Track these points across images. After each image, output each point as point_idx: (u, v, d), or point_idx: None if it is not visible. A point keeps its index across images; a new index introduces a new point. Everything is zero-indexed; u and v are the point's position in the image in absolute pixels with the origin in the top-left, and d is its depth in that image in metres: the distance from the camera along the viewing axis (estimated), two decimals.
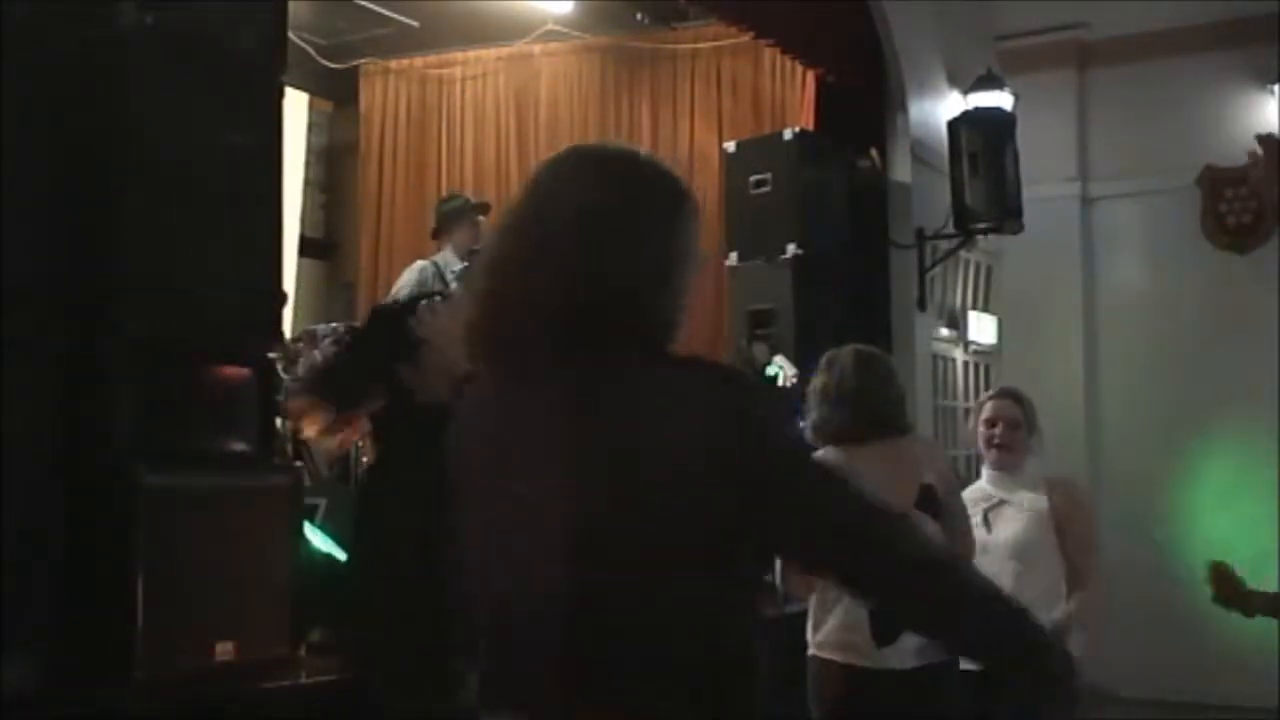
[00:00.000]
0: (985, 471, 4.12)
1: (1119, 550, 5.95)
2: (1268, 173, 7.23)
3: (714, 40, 7.52)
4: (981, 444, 4.09)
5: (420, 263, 6.16)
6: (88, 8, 2.92)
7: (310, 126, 8.47)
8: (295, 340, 5.16)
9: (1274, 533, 6.56)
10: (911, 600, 1.62)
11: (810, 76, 7.09)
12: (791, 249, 6.14)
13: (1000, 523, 3.96)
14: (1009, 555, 3.86)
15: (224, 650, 2.87)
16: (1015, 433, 4.03)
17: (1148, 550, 6.92)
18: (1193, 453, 7.26)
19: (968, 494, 3.89)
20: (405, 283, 6.04)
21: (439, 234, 6.27)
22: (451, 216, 6.22)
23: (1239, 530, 6.50)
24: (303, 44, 7.14)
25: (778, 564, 3.49)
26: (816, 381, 3.44)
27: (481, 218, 6.26)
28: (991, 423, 4.07)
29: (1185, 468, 7.26)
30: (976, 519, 3.84)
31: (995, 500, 4.00)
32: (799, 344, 5.83)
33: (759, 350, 6.02)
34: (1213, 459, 7.19)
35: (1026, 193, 6.67)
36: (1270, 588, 4.97)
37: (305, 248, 8.07)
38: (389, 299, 6.05)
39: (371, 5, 7.25)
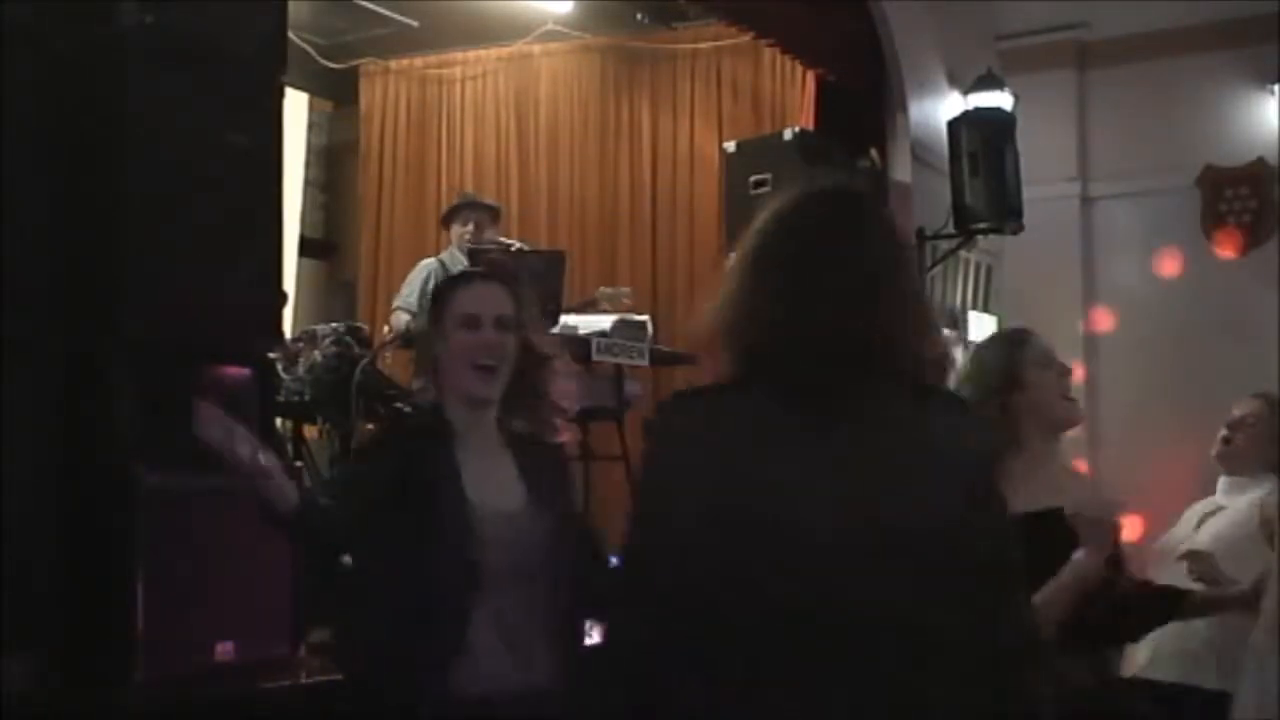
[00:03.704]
0: (1219, 480, 3.89)
1: None
2: None
3: (714, 40, 7.51)
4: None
5: (426, 260, 6.19)
6: (88, 8, 2.92)
7: (310, 126, 8.47)
8: (295, 340, 5.16)
9: None
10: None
11: (810, 76, 7.09)
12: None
13: (1209, 524, 3.75)
14: (1219, 559, 3.57)
15: (224, 650, 2.88)
16: (1250, 431, 3.81)
17: None
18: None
19: (1196, 506, 3.78)
20: (409, 282, 6.06)
21: (444, 225, 6.35)
22: (452, 213, 6.27)
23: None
24: (303, 44, 7.14)
25: None
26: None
27: (473, 225, 6.21)
28: (1229, 422, 3.87)
29: (1184, 467, 7.25)
30: (1190, 525, 3.73)
31: (1214, 508, 3.80)
32: None
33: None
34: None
35: (1026, 193, 6.66)
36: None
37: (305, 248, 8.07)
38: (397, 302, 6.07)
39: (371, 5, 7.25)
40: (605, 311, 5.71)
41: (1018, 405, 2.80)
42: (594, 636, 2.42)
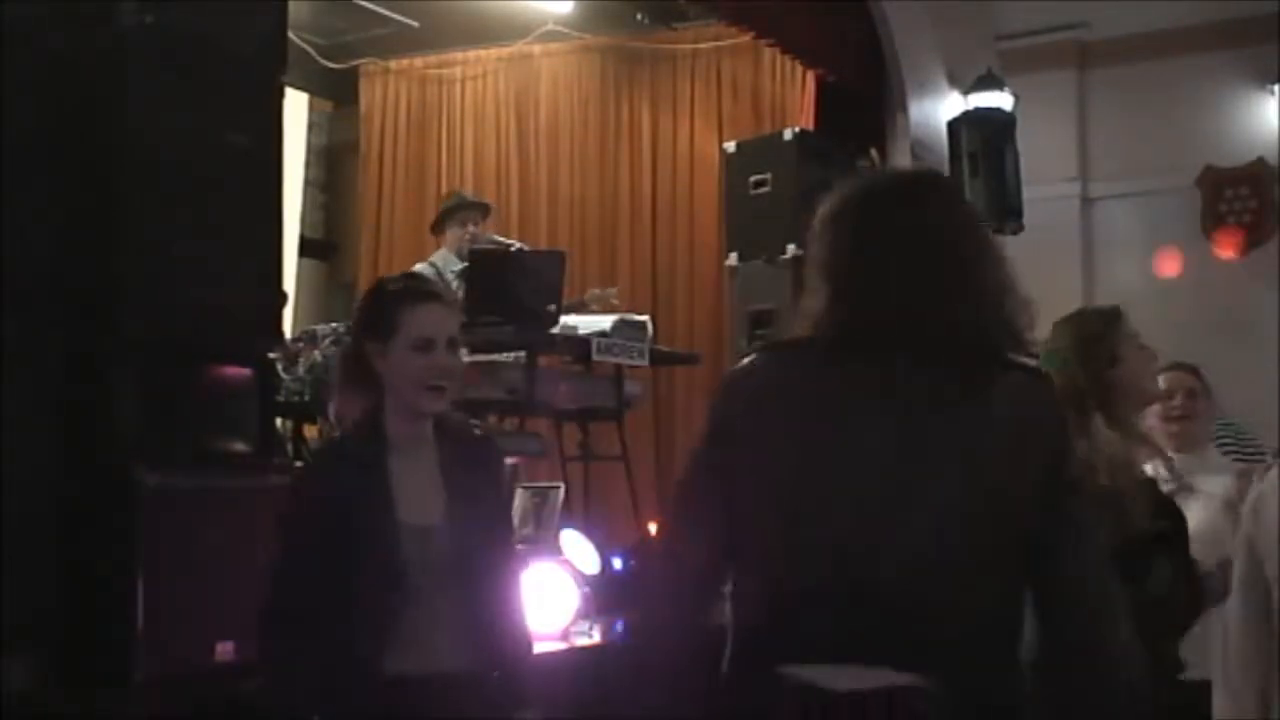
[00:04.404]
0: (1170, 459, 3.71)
1: None
2: None
3: (714, 40, 7.51)
4: (1157, 421, 3.72)
5: (419, 265, 6.16)
6: (88, 7, 2.92)
7: (310, 126, 8.47)
8: (295, 340, 5.16)
9: None
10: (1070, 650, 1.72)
11: (810, 76, 7.09)
12: (791, 249, 6.12)
13: (1186, 511, 3.52)
14: (1199, 547, 3.44)
15: (224, 650, 2.87)
16: (1196, 402, 3.76)
17: None
18: None
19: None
20: None
21: (435, 230, 6.31)
22: (447, 215, 6.23)
23: None
24: (303, 44, 7.14)
25: None
26: None
27: (477, 214, 6.23)
28: (1168, 395, 3.72)
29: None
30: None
31: (1175, 485, 3.60)
32: None
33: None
34: None
35: (1026, 193, 6.66)
36: None
37: (305, 248, 8.07)
38: None
39: (371, 5, 7.25)
40: (595, 312, 5.71)
41: (1112, 379, 2.80)
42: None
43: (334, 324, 5.32)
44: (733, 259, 6.43)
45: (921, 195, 1.82)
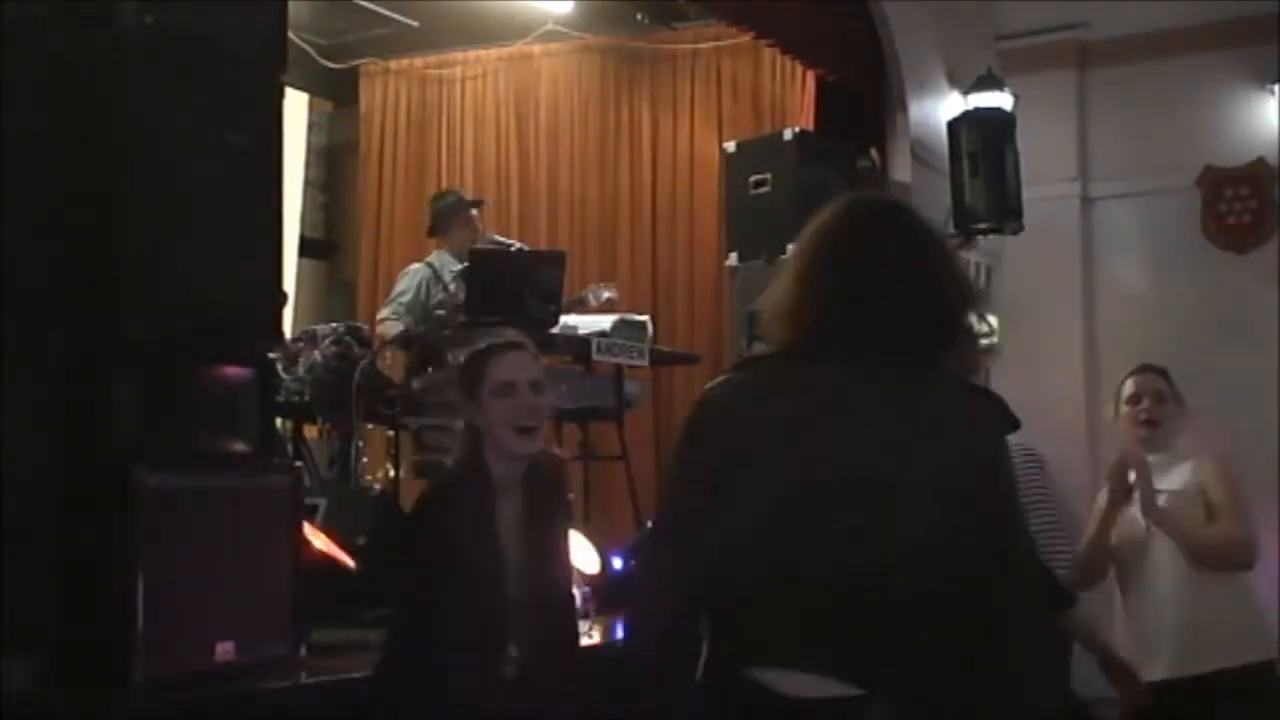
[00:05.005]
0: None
1: None
2: None
3: (714, 40, 7.52)
4: (1125, 425, 3.96)
5: (415, 266, 6.15)
6: (88, 7, 2.92)
7: (310, 126, 8.48)
8: (295, 340, 5.16)
9: (1274, 535, 6.56)
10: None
11: (810, 76, 7.09)
12: (791, 249, 6.11)
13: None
14: (1170, 540, 3.72)
15: (224, 650, 2.87)
16: (1162, 405, 3.94)
17: None
18: None
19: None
20: (404, 288, 6.02)
21: (434, 232, 6.27)
22: (446, 214, 6.21)
23: None
24: (303, 44, 7.14)
25: None
26: None
27: (474, 211, 6.25)
28: (1136, 398, 3.96)
29: None
30: (1132, 508, 3.75)
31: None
32: None
33: (759, 350, 6.00)
34: None
35: (1026, 193, 6.66)
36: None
37: (305, 248, 8.08)
38: (388, 304, 6.05)
39: (371, 5, 7.25)
40: (593, 309, 5.71)
41: None
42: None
43: (334, 324, 5.33)
44: (733, 259, 6.42)
45: (878, 225, 1.99)
